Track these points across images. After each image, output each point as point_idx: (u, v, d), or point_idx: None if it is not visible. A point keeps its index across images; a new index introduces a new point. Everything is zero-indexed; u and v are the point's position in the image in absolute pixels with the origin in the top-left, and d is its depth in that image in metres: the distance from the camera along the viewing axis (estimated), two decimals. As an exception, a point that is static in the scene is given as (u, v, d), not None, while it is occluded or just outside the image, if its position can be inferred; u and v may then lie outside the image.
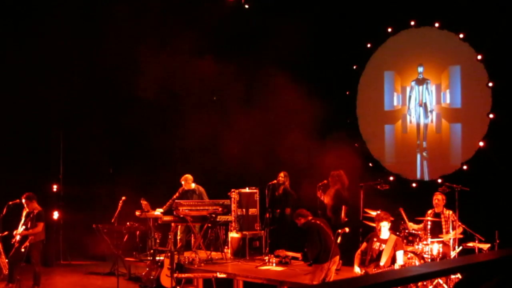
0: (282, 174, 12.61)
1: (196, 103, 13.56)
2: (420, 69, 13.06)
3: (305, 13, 13.00)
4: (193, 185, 12.87)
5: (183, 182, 12.83)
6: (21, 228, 11.06)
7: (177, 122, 13.21)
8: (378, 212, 9.79)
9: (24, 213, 11.22)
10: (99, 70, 13.81)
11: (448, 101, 12.81)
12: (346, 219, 11.29)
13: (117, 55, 13.34)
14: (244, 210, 12.78)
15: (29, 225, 11.03)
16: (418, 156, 13.18)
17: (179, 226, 12.86)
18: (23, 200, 11.16)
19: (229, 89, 13.31)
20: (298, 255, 9.54)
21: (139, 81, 13.18)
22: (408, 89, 13.30)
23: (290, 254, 9.66)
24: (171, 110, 13.46)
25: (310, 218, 9.27)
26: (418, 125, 13.18)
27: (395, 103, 13.56)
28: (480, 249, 9.65)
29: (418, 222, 10.57)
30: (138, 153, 14.48)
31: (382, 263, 8.74)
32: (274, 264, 11.45)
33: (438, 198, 10.42)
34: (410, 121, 13.30)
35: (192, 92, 13.30)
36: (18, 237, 11.02)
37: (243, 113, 12.91)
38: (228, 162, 13.57)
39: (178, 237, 12.91)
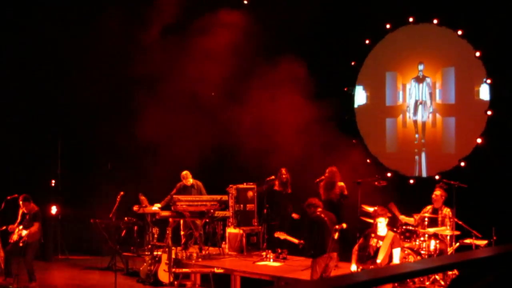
0: (282, 171, 12.57)
1: (195, 98, 13.53)
2: (421, 67, 13.06)
3: (304, 9, 12.98)
4: (191, 181, 12.88)
5: (183, 179, 12.84)
6: (18, 229, 11.07)
7: (175, 117, 13.20)
8: (375, 208, 9.80)
9: (20, 212, 11.25)
10: (97, 66, 13.78)
11: (446, 98, 12.83)
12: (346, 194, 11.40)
13: (115, 50, 13.34)
14: (241, 205, 12.81)
15: (26, 226, 11.07)
16: (416, 152, 13.20)
17: (181, 222, 12.88)
18: (20, 202, 11.18)
19: (226, 85, 13.31)
20: (297, 241, 9.53)
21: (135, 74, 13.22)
22: (407, 86, 13.30)
23: (290, 238, 9.65)
24: (169, 104, 13.44)
25: (319, 210, 9.25)
26: (416, 121, 13.20)
27: (393, 100, 13.57)
28: (477, 246, 9.68)
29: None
30: (137, 148, 14.47)
31: (379, 260, 8.74)
32: (271, 260, 11.48)
33: (436, 194, 10.40)
34: (409, 118, 13.31)
35: (188, 87, 13.28)
36: (16, 237, 11.06)
37: (240, 108, 12.91)
38: (226, 157, 13.58)
39: (182, 233, 12.93)
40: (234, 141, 12.96)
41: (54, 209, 14.28)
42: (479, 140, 12.11)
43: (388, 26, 13.44)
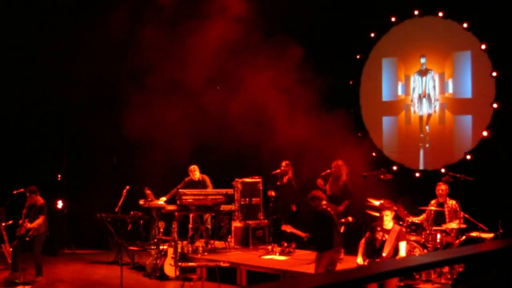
0: (284, 164, 12.56)
1: (200, 90, 13.51)
2: (423, 60, 13.02)
3: (309, 2, 12.94)
4: (198, 175, 12.87)
5: (190, 173, 12.83)
6: (24, 222, 11.15)
7: (178, 112, 13.19)
8: (381, 201, 9.79)
9: (27, 204, 11.31)
10: (98, 58, 13.78)
11: (451, 91, 12.78)
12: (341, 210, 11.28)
13: (117, 47, 13.34)
14: (247, 199, 12.81)
15: (31, 218, 11.14)
16: (421, 145, 13.17)
17: (190, 216, 12.88)
18: (27, 194, 11.26)
19: (231, 77, 13.28)
20: (304, 235, 9.53)
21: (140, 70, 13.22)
22: (411, 79, 13.26)
23: (296, 231, 9.65)
24: (172, 98, 13.43)
25: (324, 203, 9.24)
26: (421, 114, 13.15)
27: (398, 93, 13.52)
28: (483, 239, 9.66)
29: (420, 213, 10.57)
30: (140, 143, 14.47)
31: (384, 253, 8.75)
32: (277, 254, 11.50)
33: (442, 188, 10.41)
34: (414, 111, 13.26)
35: (190, 80, 13.26)
36: (22, 230, 11.12)
37: (242, 102, 12.89)
38: (231, 150, 13.56)
39: (190, 226, 12.95)
40: (236, 135, 12.94)
41: (60, 204, 14.32)
42: (485, 133, 12.07)
43: (393, 19, 13.39)
